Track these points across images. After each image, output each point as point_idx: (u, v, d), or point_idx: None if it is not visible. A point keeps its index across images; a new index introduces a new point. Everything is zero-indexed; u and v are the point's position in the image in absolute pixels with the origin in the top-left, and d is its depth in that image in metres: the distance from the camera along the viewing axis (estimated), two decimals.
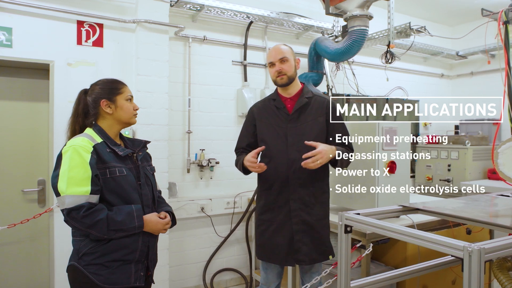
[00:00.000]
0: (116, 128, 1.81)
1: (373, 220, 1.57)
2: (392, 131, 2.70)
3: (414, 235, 1.40)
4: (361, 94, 4.55)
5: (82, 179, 1.60)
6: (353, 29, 3.29)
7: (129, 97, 1.83)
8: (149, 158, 1.98)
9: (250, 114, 2.34)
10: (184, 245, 3.68)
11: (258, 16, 3.77)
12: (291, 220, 2.15)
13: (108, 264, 1.66)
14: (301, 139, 2.14)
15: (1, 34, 2.86)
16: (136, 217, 1.67)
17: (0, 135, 3.07)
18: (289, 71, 2.18)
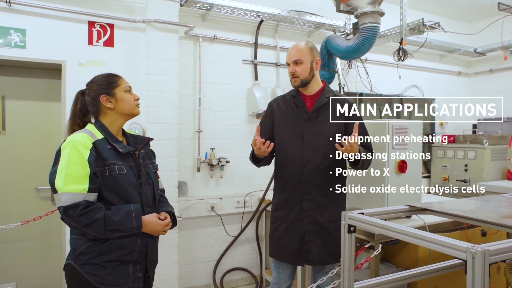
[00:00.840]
0: (119, 123, 1.77)
1: (376, 220, 1.53)
2: (403, 130, 2.64)
3: (416, 236, 1.36)
4: (374, 92, 4.47)
5: (80, 176, 1.55)
6: (364, 26, 3.24)
7: (127, 88, 1.78)
8: (152, 156, 1.94)
9: (270, 108, 2.30)
10: (194, 244, 3.69)
11: (269, 14, 3.75)
12: (302, 220, 2.13)
13: (104, 264, 1.62)
14: (317, 139, 2.12)
15: (15, 35, 2.93)
16: (134, 217, 1.62)
17: (15, 134, 3.15)
18: (303, 74, 2.14)
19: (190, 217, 3.60)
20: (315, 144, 2.13)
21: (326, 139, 2.12)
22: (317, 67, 2.19)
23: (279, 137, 2.23)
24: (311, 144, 2.14)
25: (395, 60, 3.51)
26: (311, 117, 2.17)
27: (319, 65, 2.21)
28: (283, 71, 4.08)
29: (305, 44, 2.21)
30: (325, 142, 2.13)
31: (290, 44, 4.07)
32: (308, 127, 2.16)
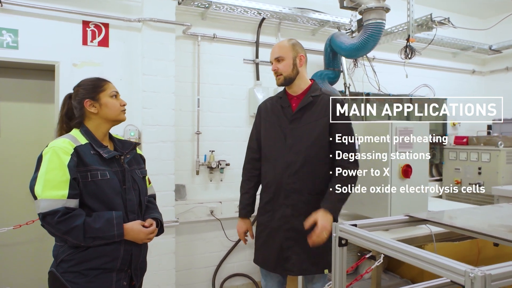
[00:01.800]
0: (104, 128, 1.72)
1: (368, 234, 1.38)
2: (408, 132, 2.49)
3: (410, 254, 1.21)
4: (382, 92, 4.30)
5: (59, 182, 1.51)
6: (368, 23, 3.08)
7: (113, 93, 1.73)
8: (141, 160, 1.89)
9: (258, 111, 2.24)
10: (192, 249, 3.58)
11: (270, 12, 3.62)
12: (281, 227, 2.03)
13: (86, 272, 1.57)
14: (300, 141, 2.01)
15: (7, 36, 2.88)
16: (115, 224, 1.57)
17: (9, 136, 3.10)
18: (285, 71, 2.04)
19: (188, 222, 3.50)
20: (297, 146, 2.02)
21: (309, 141, 2.01)
22: (301, 64, 2.08)
23: (264, 140, 2.15)
24: (294, 146, 2.02)
25: (402, 58, 3.34)
26: (295, 118, 2.06)
27: (303, 61, 2.09)
28: None
29: (287, 40, 2.13)
30: (307, 144, 2.01)
31: None
32: (291, 129, 2.05)
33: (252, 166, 2.21)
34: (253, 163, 2.20)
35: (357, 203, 2.63)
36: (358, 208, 2.63)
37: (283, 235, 2.02)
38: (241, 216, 2.20)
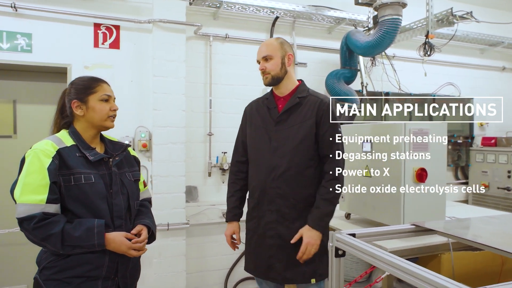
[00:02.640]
0: (91, 131, 1.64)
1: (365, 246, 1.28)
2: (423, 133, 2.34)
3: (414, 274, 1.10)
4: (403, 92, 4.12)
5: (38, 186, 1.44)
6: (384, 19, 2.95)
7: (104, 97, 1.63)
8: (134, 163, 1.79)
9: (244, 113, 2.17)
10: (204, 251, 3.55)
11: (283, 10, 3.54)
12: (266, 233, 1.96)
13: (68, 281, 1.50)
14: (285, 144, 1.93)
15: (22, 39, 2.94)
16: (96, 233, 1.48)
17: (25, 138, 3.18)
18: (273, 70, 1.96)
19: (200, 224, 3.47)
20: (282, 149, 1.94)
21: (294, 144, 1.92)
22: (289, 63, 1.99)
23: (249, 142, 2.08)
24: (279, 149, 1.94)
25: (420, 55, 3.17)
26: (280, 120, 1.98)
27: (291, 60, 2.00)
28: (301, 70, 3.84)
29: (275, 39, 2.05)
30: (292, 147, 1.93)
31: (309, 41, 3.90)
32: (276, 131, 1.97)
33: (237, 169, 2.14)
34: (239, 166, 2.14)
35: (368, 208, 2.51)
36: (369, 213, 2.50)
37: (268, 242, 1.96)
38: (228, 220, 2.14)
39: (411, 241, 2.20)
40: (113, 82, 3.09)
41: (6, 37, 2.91)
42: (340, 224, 2.59)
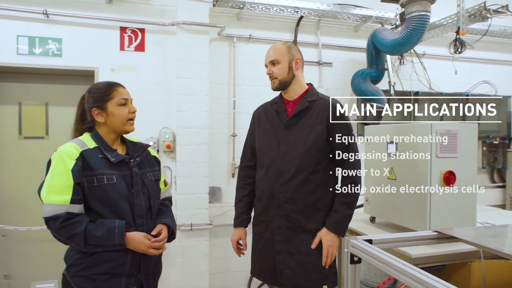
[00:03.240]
0: (112, 135, 1.71)
1: (380, 254, 1.22)
2: (451, 135, 2.23)
3: (423, 283, 1.03)
4: (434, 91, 3.96)
5: (63, 187, 1.52)
6: (411, 16, 2.84)
7: (122, 101, 1.68)
8: (154, 163, 1.84)
9: (253, 117, 2.15)
10: (228, 252, 3.54)
11: (308, 9, 3.49)
12: (274, 238, 1.92)
13: (93, 277, 1.57)
14: (294, 148, 1.90)
15: (52, 44, 3.06)
16: (117, 234, 1.55)
17: (55, 138, 3.30)
18: (280, 74, 1.94)
19: (223, 224, 3.47)
20: (291, 153, 1.91)
21: (304, 148, 1.89)
22: (297, 67, 1.96)
23: (258, 147, 2.05)
24: (288, 153, 1.91)
25: (450, 53, 3.03)
26: (290, 124, 1.94)
27: (299, 64, 1.97)
28: (326, 70, 3.78)
29: (282, 43, 2.01)
30: (302, 152, 1.89)
31: (334, 40, 3.83)
32: (285, 135, 1.94)
33: (245, 174, 2.12)
34: (247, 171, 2.12)
35: (393, 212, 2.42)
36: (394, 217, 2.41)
37: (276, 247, 1.92)
38: (235, 226, 2.13)
39: (438, 247, 2.11)
40: (138, 84, 3.23)
41: (38, 42, 3.04)
42: (364, 228, 2.51)
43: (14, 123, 3.28)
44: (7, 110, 3.26)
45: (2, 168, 3.27)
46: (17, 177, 3.27)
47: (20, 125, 3.29)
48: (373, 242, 1.36)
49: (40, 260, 3.33)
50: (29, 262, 3.34)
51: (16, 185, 3.27)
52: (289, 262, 1.89)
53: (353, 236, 1.40)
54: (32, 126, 3.31)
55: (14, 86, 3.27)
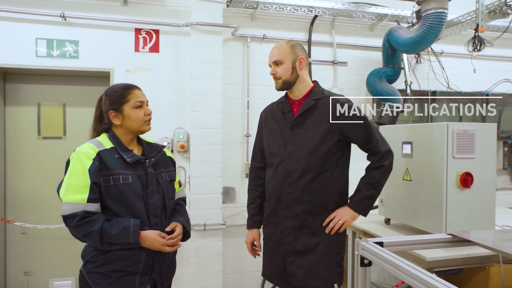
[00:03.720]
0: (128, 136, 1.75)
1: (391, 257, 1.20)
2: (468, 136, 2.17)
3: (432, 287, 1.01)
4: (452, 90, 3.87)
5: (80, 186, 1.56)
6: (427, 13, 2.78)
7: (137, 104, 1.72)
8: (170, 163, 1.89)
9: (260, 119, 2.15)
10: (241, 252, 3.55)
11: (322, 8, 3.45)
12: (283, 239, 1.91)
13: (109, 274, 1.62)
14: (301, 148, 1.89)
15: (70, 46, 3.12)
16: (131, 233, 1.58)
17: (72, 138, 3.37)
18: (284, 74, 1.91)
19: (237, 225, 3.47)
20: (298, 153, 1.89)
21: (311, 148, 1.87)
22: (301, 67, 1.93)
23: (266, 148, 2.05)
24: (294, 153, 1.90)
25: (469, 51, 2.95)
26: (296, 124, 1.93)
27: (303, 64, 1.93)
28: (341, 69, 3.74)
29: (285, 42, 1.98)
30: (308, 151, 1.87)
31: (349, 39, 3.78)
32: (291, 135, 1.92)
33: (256, 175, 2.12)
34: (257, 172, 2.12)
35: (408, 214, 2.37)
36: (409, 219, 2.36)
37: (285, 248, 1.92)
38: (248, 227, 2.13)
39: (454, 250, 2.06)
40: (153, 84, 3.26)
41: (56, 45, 3.11)
42: (378, 230, 2.47)
43: (34, 123, 3.36)
44: (27, 111, 3.35)
45: (22, 168, 3.35)
46: (36, 176, 3.36)
47: (39, 126, 3.37)
48: (384, 244, 1.34)
49: (58, 258, 3.40)
50: (47, 259, 3.41)
51: (35, 184, 3.36)
52: (299, 262, 1.88)
53: (363, 238, 1.37)
54: (50, 127, 3.39)
55: (33, 87, 3.36)
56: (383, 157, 1.91)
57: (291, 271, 1.90)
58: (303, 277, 1.87)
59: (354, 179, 2.01)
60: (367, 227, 2.51)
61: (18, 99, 3.33)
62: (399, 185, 2.44)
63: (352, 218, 1.89)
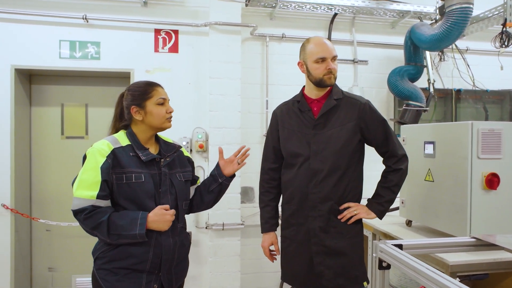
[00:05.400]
0: (148, 133, 1.74)
1: (409, 260, 1.16)
2: (494, 134, 2.09)
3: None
4: (478, 88, 3.74)
5: (92, 183, 1.57)
6: (451, 9, 2.69)
7: (160, 100, 1.71)
8: (187, 163, 1.86)
9: (273, 118, 2.08)
10: (260, 252, 3.45)
11: (342, 6, 3.40)
12: (309, 241, 1.87)
13: (116, 271, 1.60)
14: (326, 148, 1.86)
15: (91, 48, 3.18)
16: (138, 225, 1.56)
17: (94, 137, 3.42)
18: (337, 71, 1.90)
19: (255, 225, 3.45)
20: (323, 153, 1.86)
21: (336, 147, 1.85)
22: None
23: (284, 148, 1.99)
24: (319, 153, 1.87)
25: (496, 47, 2.84)
26: (318, 123, 1.89)
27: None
28: (361, 68, 3.68)
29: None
30: (334, 150, 1.85)
31: (370, 37, 3.71)
32: (315, 134, 1.88)
33: (270, 177, 2.08)
34: (271, 174, 2.07)
35: (430, 216, 2.29)
36: (431, 221, 2.29)
37: (312, 249, 1.87)
38: (265, 231, 2.08)
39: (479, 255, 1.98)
40: (172, 85, 3.29)
41: (78, 46, 3.18)
42: (399, 232, 2.41)
43: (57, 123, 3.45)
44: (51, 111, 3.44)
45: (46, 166, 3.44)
46: (59, 175, 3.44)
47: (62, 126, 3.46)
48: (403, 247, 1.30)
49: (80, 255, 3.48)
50: (70, 256, 3.49)
51: (58, 183, 3.44)
52: (329, 263, 1.85)
53: (382, 240, 1.33)
54: (73, 126, 3.47)
55: (57, 88, 3.44)
56: (400, 161, 1.91)
57: (319, 272, 1.86)
58: (332, 277, 1.84)
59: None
60: (387, 229, 2.45)
61: (42, 99, 3.42)
62: (421, 186, 2.37)
63: (366, 214, 1.89)
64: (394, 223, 2.60)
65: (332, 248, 1.85)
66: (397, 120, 3.41)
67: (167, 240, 1.67)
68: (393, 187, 1.91)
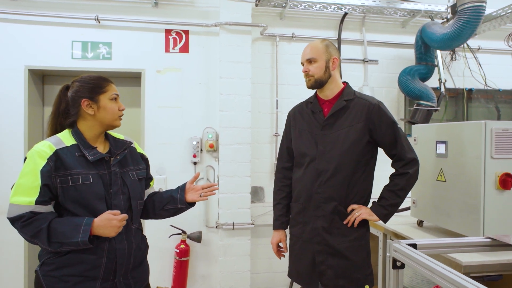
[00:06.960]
0: (97, 130, 1.59)
1: (424, 259, 1.15)
2: (509, 135, 2.07)
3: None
4: (490, 88, 3.71)
5: (30, 187, 1.43)
6: (463, 7, 2.67)
7: (114, 96, 1.60)
8: (140, 161, 1.74)
9: (288, 118, 2.13)
10: (270, 252, 3.47)
11: (352, 6, 3.39)
12: (312, 239, 1.89)
13: (66, 279, 1.48)
14: (333, 148, 1.87)
15: (103, 48, 3.21)
16: (82, 231, 1.42)
17: None
18: (317, 73, 1.90)
19: (266, 224, 3.46)
20: (329, 153, 1.87)
21: (343, 148, 1.85)
22: (334, 67, 1.91)
23: (295, 147, 2.03)
24: (326, 153, 1.88)
25: (509, 46, 2.81)
26: (327, 124, 1.91)
27: (336, 64, 1.92)
28: (371, 67, 3.66)
29: (320, 41, 1.96)
30: (341, 152, 1.86)
31: (380, 37, 3.70)
32: (323, 135, 1.90)
33: (283, 175, 2.10)
34: (284, 172, 2.10)
35: (443, 216, 2.28)
36: (444, 221, 2.27)
37: (315, 248, 1.89)
38: (275, 228, 2.10)
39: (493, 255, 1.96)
40: (182, 84, 3.31)
41: (90, 47, 3.21)
42: (411, 232, 2.40)
43: None
44: None
45: None
46: None
47: None
48: (417, 247, 1.29)
49: None
50: None
51: None
52: (330, 262, 1.86)
53: (396, 240, 1.33)
54: None
55: None
56: (407, 164, 1.89)
57: (321, 270, 1.88)
58: (333, 277, 1.85)
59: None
60: (398, 229, 2.44)
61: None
62: (433, 186, 2.36)
63: (368, 215, 1.87)
64: (405, 223, 2.59)
65: (335, 248, 1.86)
66: (408, 120, 3.39)
67: (121, 243, 1.55)
68: (399, 191, 1.89)
